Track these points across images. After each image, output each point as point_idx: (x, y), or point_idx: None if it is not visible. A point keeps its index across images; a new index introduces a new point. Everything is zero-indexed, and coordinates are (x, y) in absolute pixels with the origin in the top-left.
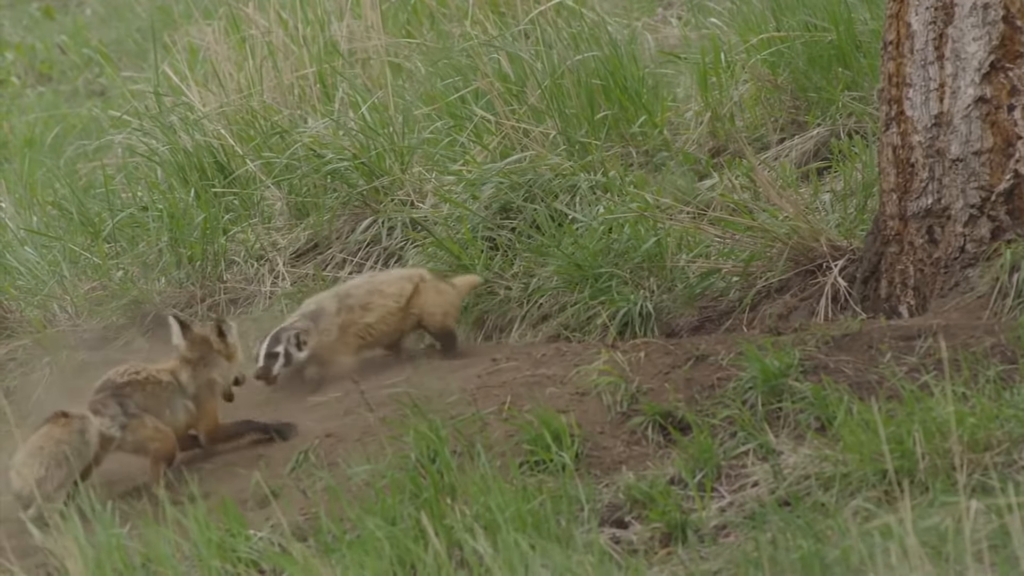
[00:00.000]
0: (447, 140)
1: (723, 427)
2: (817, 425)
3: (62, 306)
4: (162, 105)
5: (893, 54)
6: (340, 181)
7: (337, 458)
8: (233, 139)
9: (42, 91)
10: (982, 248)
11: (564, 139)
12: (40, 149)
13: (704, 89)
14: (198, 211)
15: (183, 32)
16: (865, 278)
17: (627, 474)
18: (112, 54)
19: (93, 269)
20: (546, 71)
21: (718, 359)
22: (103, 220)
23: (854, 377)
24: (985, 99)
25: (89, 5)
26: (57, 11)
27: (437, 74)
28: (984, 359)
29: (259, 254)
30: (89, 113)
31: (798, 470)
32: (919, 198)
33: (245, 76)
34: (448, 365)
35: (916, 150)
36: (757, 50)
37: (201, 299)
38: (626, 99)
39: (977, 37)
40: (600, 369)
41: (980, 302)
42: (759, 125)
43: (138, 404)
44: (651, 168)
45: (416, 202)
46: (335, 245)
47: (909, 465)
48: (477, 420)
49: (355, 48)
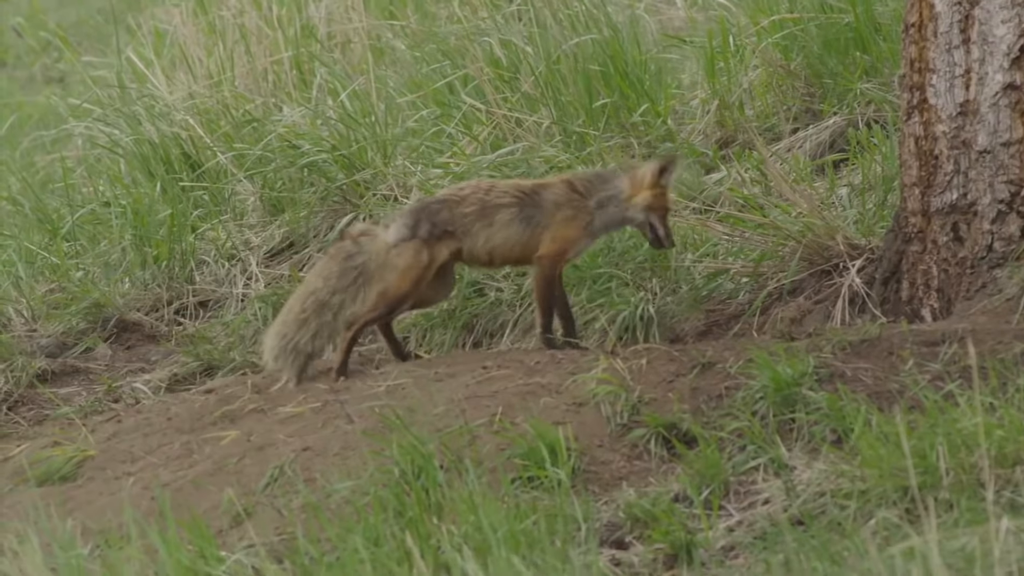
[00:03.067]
0: (433, 130)
1: (731, 440)
2: (833, 438)
3: (18, 309)
4: (126, 93)
5: (915, 37)
6: (318, 175)
7: (315, 474)
8: (202, 129)
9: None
10: (1011, 247)
11: (560, 129)
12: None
13: (711, 75)
14: (164, 207)
15: (148, 14)
16: (885, 279)
17: (628, 491)
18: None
19: (51, 270)
20: (540, 56)
21: (726, 367)
22: (62, 217)
23: (873, 386)
24: (1015, 86)
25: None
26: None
27: (423, 59)
28: (1013, 366)
29: (230, 253)
30: (47, 101)
31: (812, 486)
32: (943, 193)
33: (215, 61)
34: (434, 373)
35: (940, 141)
36: (768, 33)
37: (168, 302)
38: (627, 86)
39: (1006, 19)
40: (599, 378)
41: (1009, 305)
42: (770, 114)
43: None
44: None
45: (400, 197)
46: (312, 244)
47: (933, 481)
48: (466, 433)
49: (334, 31)
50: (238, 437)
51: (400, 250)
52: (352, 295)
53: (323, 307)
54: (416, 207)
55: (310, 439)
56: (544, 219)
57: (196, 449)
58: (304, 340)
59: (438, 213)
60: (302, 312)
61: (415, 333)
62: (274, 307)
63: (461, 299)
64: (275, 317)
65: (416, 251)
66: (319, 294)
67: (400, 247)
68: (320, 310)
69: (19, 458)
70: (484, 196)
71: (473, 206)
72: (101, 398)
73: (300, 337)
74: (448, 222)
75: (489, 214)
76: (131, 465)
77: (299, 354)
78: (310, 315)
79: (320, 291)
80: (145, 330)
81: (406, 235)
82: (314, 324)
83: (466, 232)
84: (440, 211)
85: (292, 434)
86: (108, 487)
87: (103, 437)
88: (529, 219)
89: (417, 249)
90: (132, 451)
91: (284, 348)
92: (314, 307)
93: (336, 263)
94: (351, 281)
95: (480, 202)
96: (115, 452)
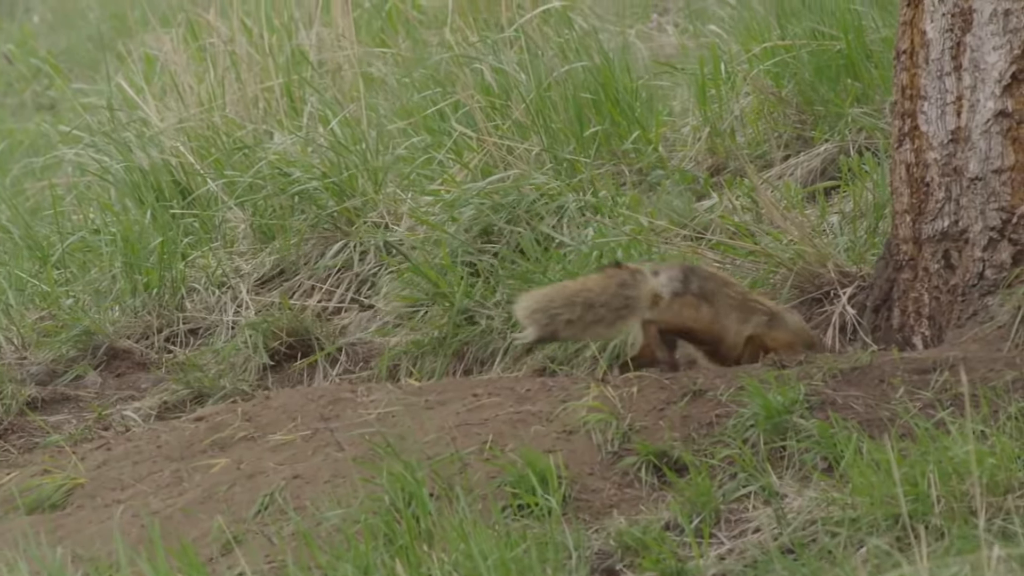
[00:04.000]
0: (424, 158)
1: (722, 468)
2: (824, 465)
3: (8, 337)
4: (116, 120)
5: (907, 64)
6: (308, 202)
7: (305, 501)
8: (193, 156)
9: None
10: (1002, 274)
11: (551, 156)
12: None
13: (702, 102)
14: (155, 234)
15: (139, 41)
16: (876, 306)
17: (618, 519)
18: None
19: (41, 297)
20: (531, 83)
21: (717, 394)
22: (52, 244)
23: (864, 414)
24: (1006, 113)
25: (37, 12)
26: (3, 19)
27: (413, 86)
28: (1005, 394)
29: (221, 281)
30: (37, 128)
31: (803, 514)
32: (935, 220)
33: (206, 88)
34: (424, 401)
35: (931, 168)
36: (760, 60)
37: (158, 329)
38: (618, 113)
39: (998, 46)
40: (589, 405)
41: (1000, 333)
42: (762, 141)
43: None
44: (645, 188)
45: (391, 224)
46: (303, 271)
47: (924, 509)
48: (456, 460)
49: (325, 58)
50: (228, 465)
51: (679, 305)
52: (612, 318)
53: (590, 307)
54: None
55: (300, 467)
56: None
57: (186, 477)
58: (563, 314)
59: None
60: (575, 296)
61: (406, 360)
62: (264, 335)
63: (452, 327)
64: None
65: (695, 306)
66: (591, 295)
67: (677, 302)
68: (587, 306)
69: (9, 486)
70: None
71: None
72: (91, 426)
73: (562, 311)
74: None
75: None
76: (121, 493)
77: (553, 321)
78: (579, 303)
79: (595, 295)
80: (135, 358)
81: (679, 289)
82: (578, 310)
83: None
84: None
85: (282, 462)
86: (98, 515)
87: (93, 465)
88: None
89: (696, 304)
90: (122, 479)
91: (544, 310)
92: (584, 301)
93: (612, 283)
94: (619, 305)
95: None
96: (105, 480)
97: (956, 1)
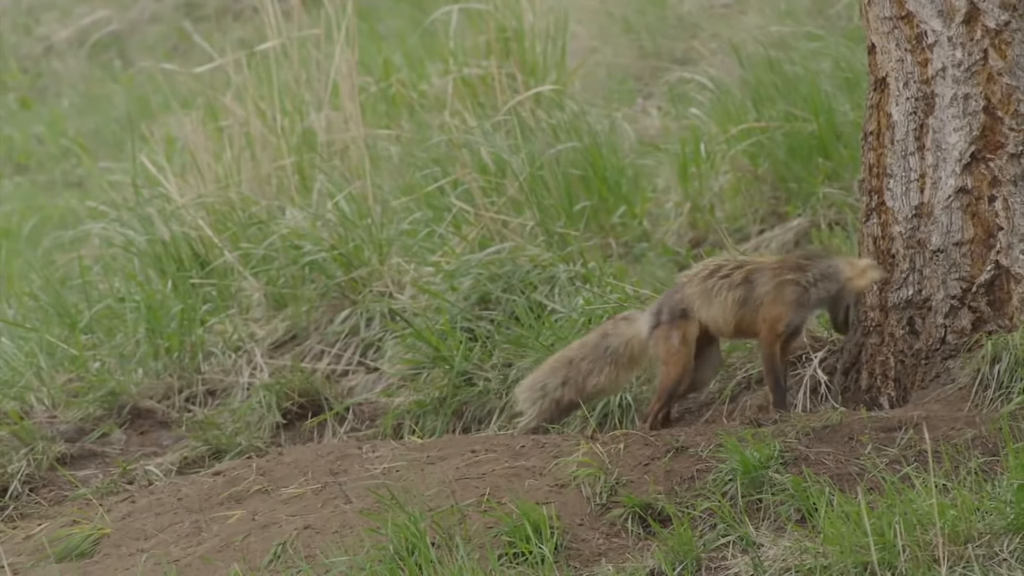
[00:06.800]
0: (426, 231)
1: (703, 519)
2: (798, 517)
3: (39, 397)
4: (140, 196)
5: (874, 144)
6: (318, 272)
7: (315, 550)
8: (211, 230)
9: (19, 181)
10: (963, 339)
11: (543, 230)
12: (17, 240)
13: (684, 180)
14: (175, 302)
15: (161, 122)
16: (846, 369)
17: (607, 566)
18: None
19: (70, 360)
20: (524, 162)
21: (698, 451)
22: (80, 311)
23: (835, 469)
24: (966, 190)
25: (66, 96)
26: (34, 102)
27: (415, 165)
28: (965, 451)
29: (237, 345)
30: (66, 204)
31: (779, 562)
32: (900, 289)
33: (223, 166)
34: (426, 456)
35: (897, 241)
36: (737, 140)
37: (179, 390)
38: (606, 190)
39: (958, 128)
40: (579, 461)
41: (961, 393)
42: (739, 216)
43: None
44: (631, 259)
45: (395, 293)
46: (313, 336)
47: (891, 557)
48: (456, 512)
49: (333, 139)
50: (244, 516)
51: (654, 340)
52: (600, 367)
53: (571, 363)
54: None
55: (311, 518)
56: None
57: (205, 527)
58: (553, 384)
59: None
60: (555, 361)
61: (409, 419)
62: (277, 395)
63: (451, 388)
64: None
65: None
66: (570, 353)
67: (653, 337)
68: (568, 364)
69: (40, 536)
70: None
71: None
72: (116, 480)
73: (550, 381)
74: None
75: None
76: (144, 542)
77: (546, 396)
78: (560, 366)
79: (574, 352)
80: (157, 416)
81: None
82: (563, 373)
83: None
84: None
85: (294, 513)
86: (123, 563)
87: (118, 516)
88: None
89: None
90: (145, 529)
91: (532, 387)
92: (563, 361)
93: (595, 335)
94: (601, 354)
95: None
96: (129, 530)
97: (919, 86)
